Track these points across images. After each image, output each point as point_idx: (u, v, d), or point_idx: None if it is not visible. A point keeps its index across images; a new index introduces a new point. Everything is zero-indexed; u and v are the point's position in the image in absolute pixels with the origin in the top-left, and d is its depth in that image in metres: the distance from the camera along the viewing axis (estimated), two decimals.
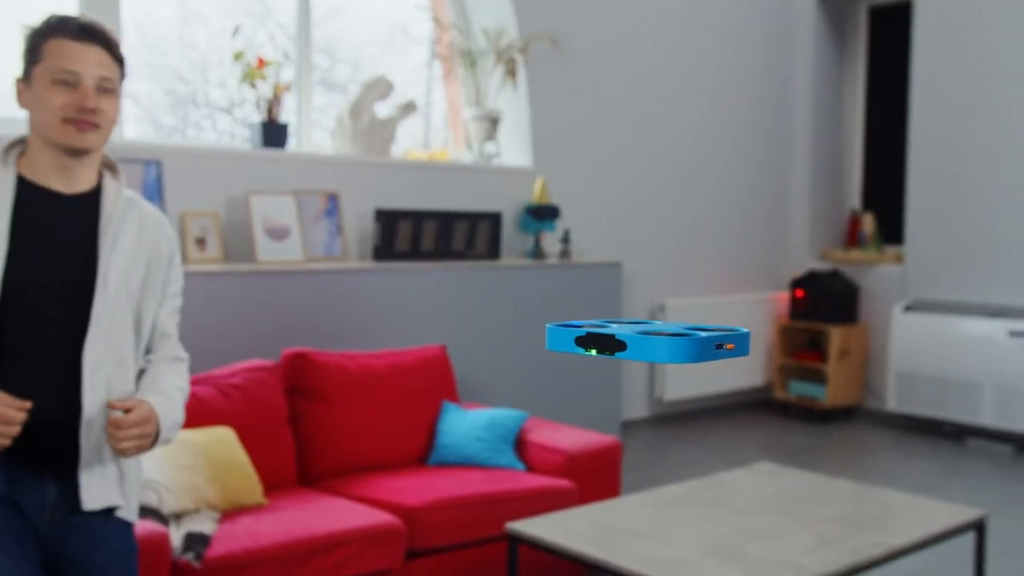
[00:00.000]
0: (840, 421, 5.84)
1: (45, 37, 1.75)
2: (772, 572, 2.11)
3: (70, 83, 1.71)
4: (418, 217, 4.25)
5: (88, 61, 1.73)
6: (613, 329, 0.75)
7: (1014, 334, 5.02)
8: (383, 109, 4.45)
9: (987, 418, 5.14)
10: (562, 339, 0.76)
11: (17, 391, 1.66)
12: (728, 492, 2.76)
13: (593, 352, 0.74)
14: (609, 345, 0.73)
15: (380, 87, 4.37)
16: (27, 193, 1.76)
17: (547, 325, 0.78)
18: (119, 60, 1.80)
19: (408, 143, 4.93)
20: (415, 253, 4.24)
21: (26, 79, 1.77)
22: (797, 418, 5.86)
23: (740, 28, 5.87)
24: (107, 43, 1.78)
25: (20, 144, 1.80)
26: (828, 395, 5.71)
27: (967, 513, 2.57)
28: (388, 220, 4.15)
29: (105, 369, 1.76)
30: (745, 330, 0.77)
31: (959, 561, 3.24)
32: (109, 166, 1.87)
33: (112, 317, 1.77)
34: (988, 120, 5.34)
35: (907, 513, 2.57)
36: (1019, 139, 5.22)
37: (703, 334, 0.73)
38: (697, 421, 5.68)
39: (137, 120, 4.23)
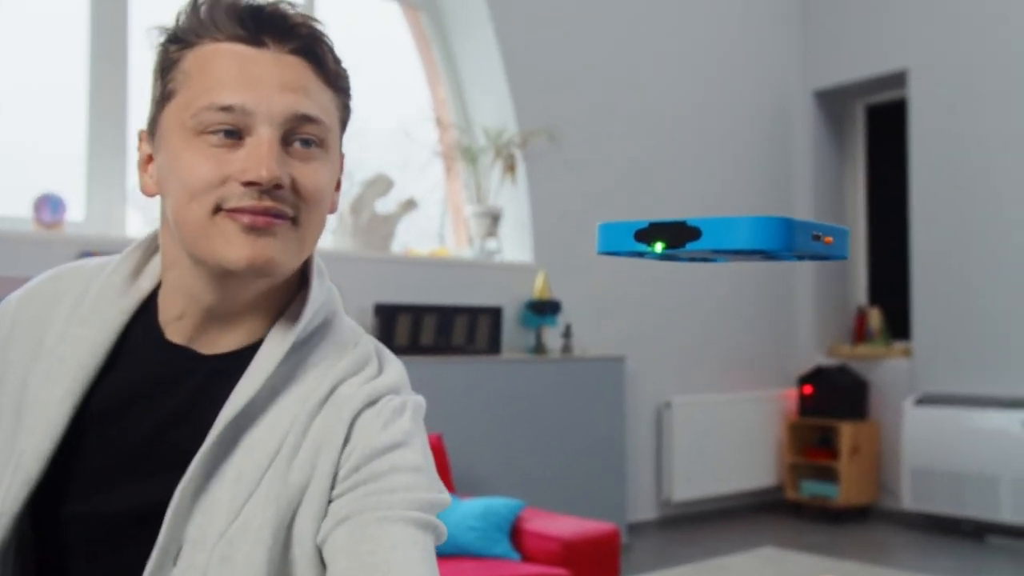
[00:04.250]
0: (855, 521, 5.67)
1: (186, 41, 0.89)
2: None
3: (230, 131, 0.86)
4: (418, 312, 4.25)
5: (267, 82, 0.86)
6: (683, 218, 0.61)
7: None
8: (384, 206, 4.50)
9: (1007, 514, 4.97)
10: (617, 237, 0.61)
11: None
12: (728, 575, 2.66)
13: (659, 247, 0.59)
14: (679, 235, 0.58)
15: (380, 184, 4.44)
16: (143, 349, 0.94)
17: (599, 224, 0.63)
18: (338, 84, 0.93)
19: (430, 242, 4.98)
20: (415, 347, 4.22)
21: (151, 134, 0.92)
22: (810, 519, 5.70)
23: (739, 127, 5.97)
24: (311, 49, 0.90)
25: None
26: (841, 494, 5.56)
27: None
28: (387, 314, 4.16)
29: None
30: (844, 228, 0.63)
31: None
32: (299, 292, 0.99)
33: None
34: (989, 213, 5.35)
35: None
36: (1016, 232, 5.21)
37: (791, 218, 0.59)
38: (707, 523, 5.53)
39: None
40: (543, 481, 4.39)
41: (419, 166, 4.97)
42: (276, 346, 0.92)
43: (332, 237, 4.41)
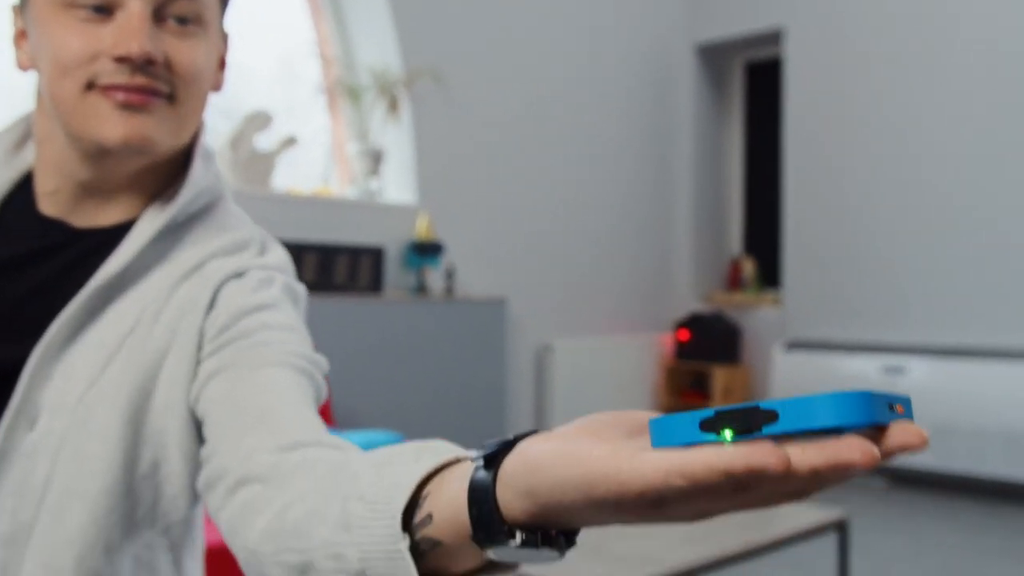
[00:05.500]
0: None
1: None
2: (633, 566, 2.09)
3: (100, 6, 0.82)
4: (298, 249, 4.19)
5: None
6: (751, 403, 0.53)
7: (887, 370, 5.19)
8: (264, 142, 4.40)
9: None
10: (678, 429, 0.53)
11: None
12: None
13: (728, 435, 0.52)
14: (751, 420, 0.51)
15: (259, 120, 4.34)
16: (18, 222, 0.91)
17: (649, 419, 0.54)
18: None
19: (315, 183, 4.89)
20: None
21: (22, 7, 0.87)
22: None
23: (622, 77, 6.04)
24: None
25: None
26: None
27: (829, 514, 2.61)
28: None
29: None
30: (906, 396, 0.54)
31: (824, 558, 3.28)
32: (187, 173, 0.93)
33: (47, 464, 0.82)
34: (857, 171, 5.58)
35: (773, 515, 2.59)
36: (882, 188, 5.46)
37: (870, 391, 0.52)
38: None
39: None
40: (424, 419, 4.42)
41: (303, 105, 4.87)
42: (149, 224, 0.89)
43: None
